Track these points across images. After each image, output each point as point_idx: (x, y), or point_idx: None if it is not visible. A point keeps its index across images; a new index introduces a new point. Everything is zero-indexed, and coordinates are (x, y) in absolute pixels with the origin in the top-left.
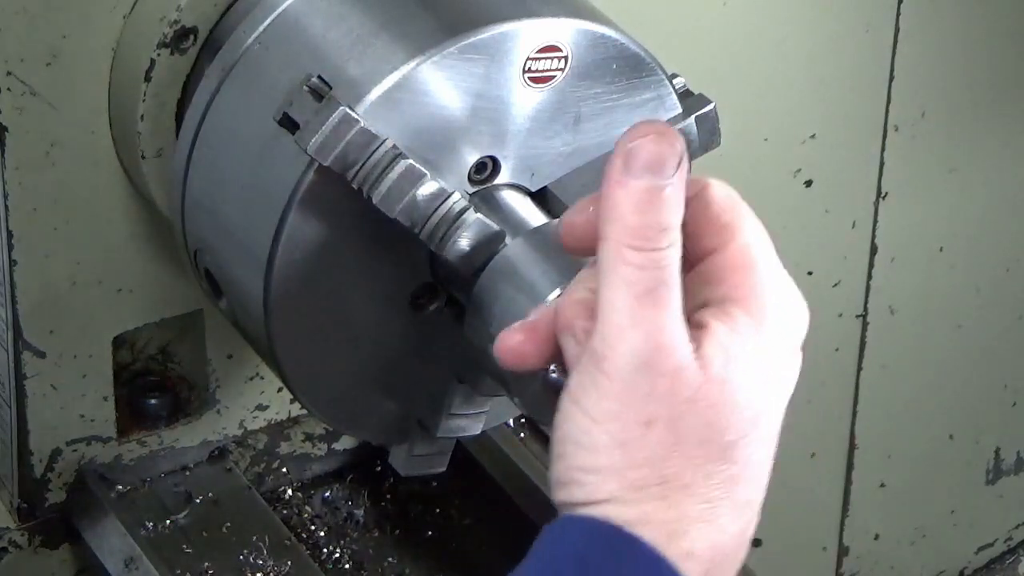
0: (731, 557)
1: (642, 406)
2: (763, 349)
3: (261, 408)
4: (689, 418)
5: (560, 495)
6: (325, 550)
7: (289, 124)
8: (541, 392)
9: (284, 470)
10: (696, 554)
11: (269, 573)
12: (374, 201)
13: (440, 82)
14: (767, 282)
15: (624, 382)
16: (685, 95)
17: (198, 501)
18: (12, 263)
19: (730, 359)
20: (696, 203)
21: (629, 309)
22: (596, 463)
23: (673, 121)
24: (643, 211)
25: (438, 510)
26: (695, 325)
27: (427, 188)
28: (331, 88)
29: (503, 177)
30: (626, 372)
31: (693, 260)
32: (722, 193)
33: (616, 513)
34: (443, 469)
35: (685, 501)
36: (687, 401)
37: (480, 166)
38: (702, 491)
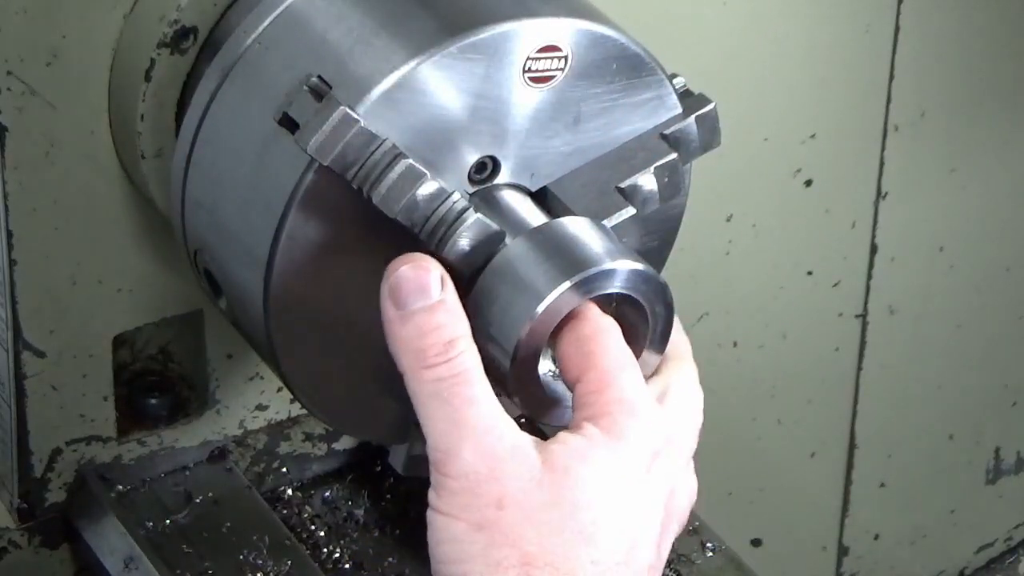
0: None
1: (487, 488)
2: (617, 462)
3: (261, 408)
4: (536, 497)
5: None
6: (325, 550)
7: (289, 124)
8: (539, 392)
9: (284, 470)
10: None
11: (269, 573)
12: (374, 201)
13: (440, 82)
14: (623, 404)
15: (465, 475)
16: (685, 95)
17: (198, 501)
18: (12, 263)
19: (573, 455)
20: (566, 334)
21: (446, 416)
22: (461, 552)
23: (673, 121)
24: (424, 334)
25: None
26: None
27: (427, 188)
28: (331, 88)
29: (503, 177)
30: (464, 465)
31: (569, 384)
32: (587, 326)
33: None
34: None
35: None
36: (531, 481)
37: (480, 166)
38: (565, 569)
